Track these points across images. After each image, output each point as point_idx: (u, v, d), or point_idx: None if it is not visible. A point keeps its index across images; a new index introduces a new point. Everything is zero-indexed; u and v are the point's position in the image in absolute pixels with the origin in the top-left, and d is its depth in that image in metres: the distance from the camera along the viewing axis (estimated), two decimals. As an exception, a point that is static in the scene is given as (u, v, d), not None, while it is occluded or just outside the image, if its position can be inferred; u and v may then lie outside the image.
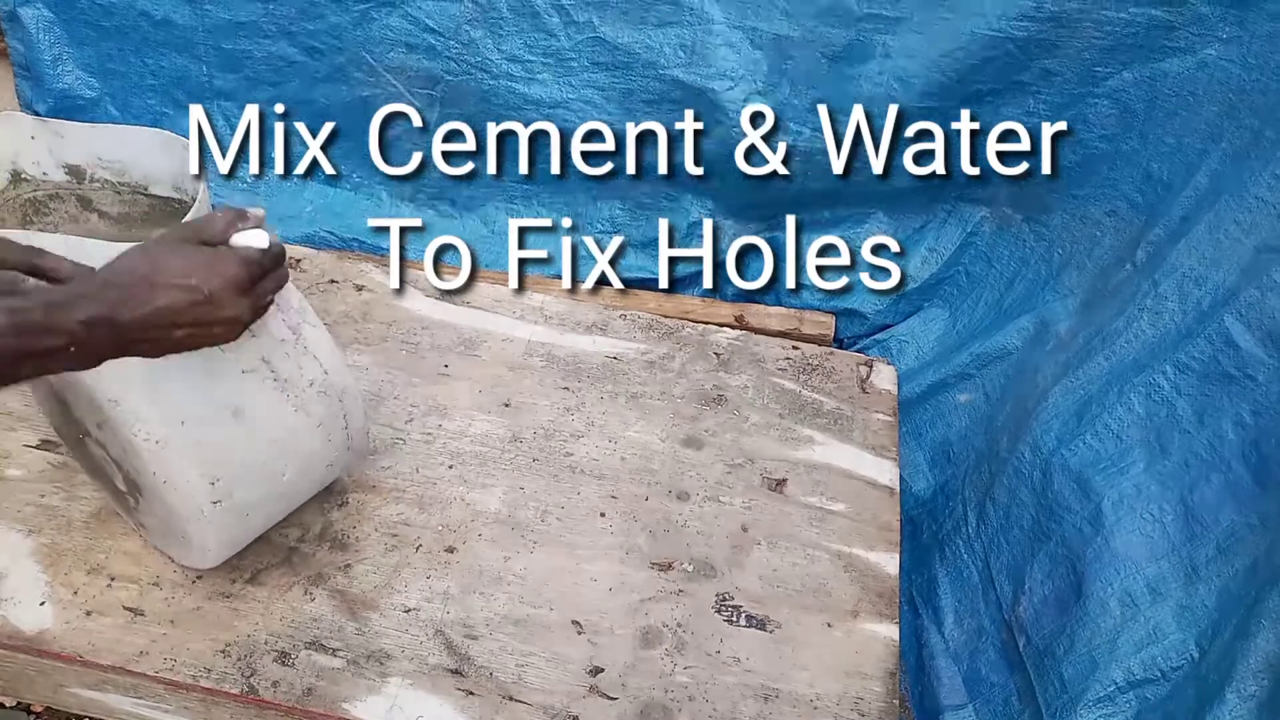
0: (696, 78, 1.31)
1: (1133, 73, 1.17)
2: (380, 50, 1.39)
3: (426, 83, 1.41)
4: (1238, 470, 0.93)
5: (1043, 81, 1.23)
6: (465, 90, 1.40)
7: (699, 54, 1.30)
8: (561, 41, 1.33)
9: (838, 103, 1.29)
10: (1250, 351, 0.94)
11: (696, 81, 1.32)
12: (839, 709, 0.91)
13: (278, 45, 1.42)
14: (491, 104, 1.41)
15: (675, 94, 1.34)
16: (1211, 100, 1.11)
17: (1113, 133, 1.21)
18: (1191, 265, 1.04)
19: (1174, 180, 1.14)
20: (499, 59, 1.36)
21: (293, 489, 0.89)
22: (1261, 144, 1.03)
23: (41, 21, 1.45)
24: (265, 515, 0.90)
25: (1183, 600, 0.92)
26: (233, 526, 0.86)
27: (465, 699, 0.88)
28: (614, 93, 1.35)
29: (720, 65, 1.30)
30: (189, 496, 0.80)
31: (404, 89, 1.41)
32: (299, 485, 0.90)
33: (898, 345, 1.47)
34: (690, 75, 1.31)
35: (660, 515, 1.05)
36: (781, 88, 1.30)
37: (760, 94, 1.31)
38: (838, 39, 1.25)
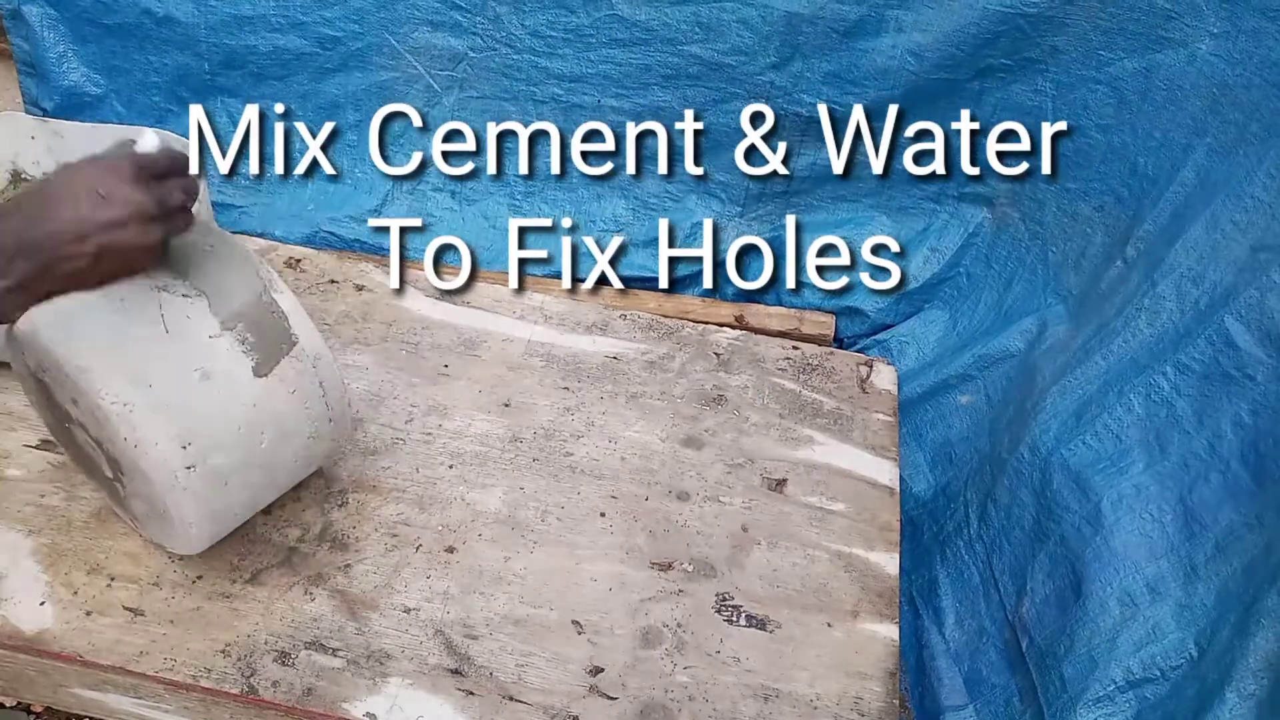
0: (713, 53, 1.36)
1: (1133, 61, 1.18)
2: (405, 30, 1.42)
3: (449, 62, 1.44)
4: (1236, 470, 0.93)
5: (1050, 59, 1.25)
6: (488, 67, 1.43)
7: (715, 30, 1.35)
8: (580, 19, 1.38)
9: (850, 75, 1.33)
10: (1249, 351, 0.94)
11: (713, 57, 1.37)
12: (839, 709, 0.91)
13: (286, 39, 1.42)
14: (513, 79, 1.44)
15: (692, 69, 1.38)
16: (1198, 94, 1.11)
17: (1108, 123, 1.22)
18: (1189, 265, 1.04)
19: (1159, 175, 1.14)
20: (523, 34, 1.40)
21: (273, 457, 0.88)
22: (1247, 139, 1.03)
23: (45, 19, 1.45)
24: (245, 484, 0.87)
25: (1182, 599, 0.92)
26: (212, 498, 0.84)
27: (465, 699, 0.88)
28: (631, 68, 1.40)
29: (735, 40, 1.35)
30: (162, 462, 0.79)
31: (425, 69, 1.43)
32: (280, 454, 0.88)
33: (898, 346, 1.47)
34: (707, 51, 1.36)
35: (660, 515, 1.05)
36: (794, 62, 1.34)
37: (774, 67, 1.35)
38: (850, 14, 1.29)
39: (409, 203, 1.55)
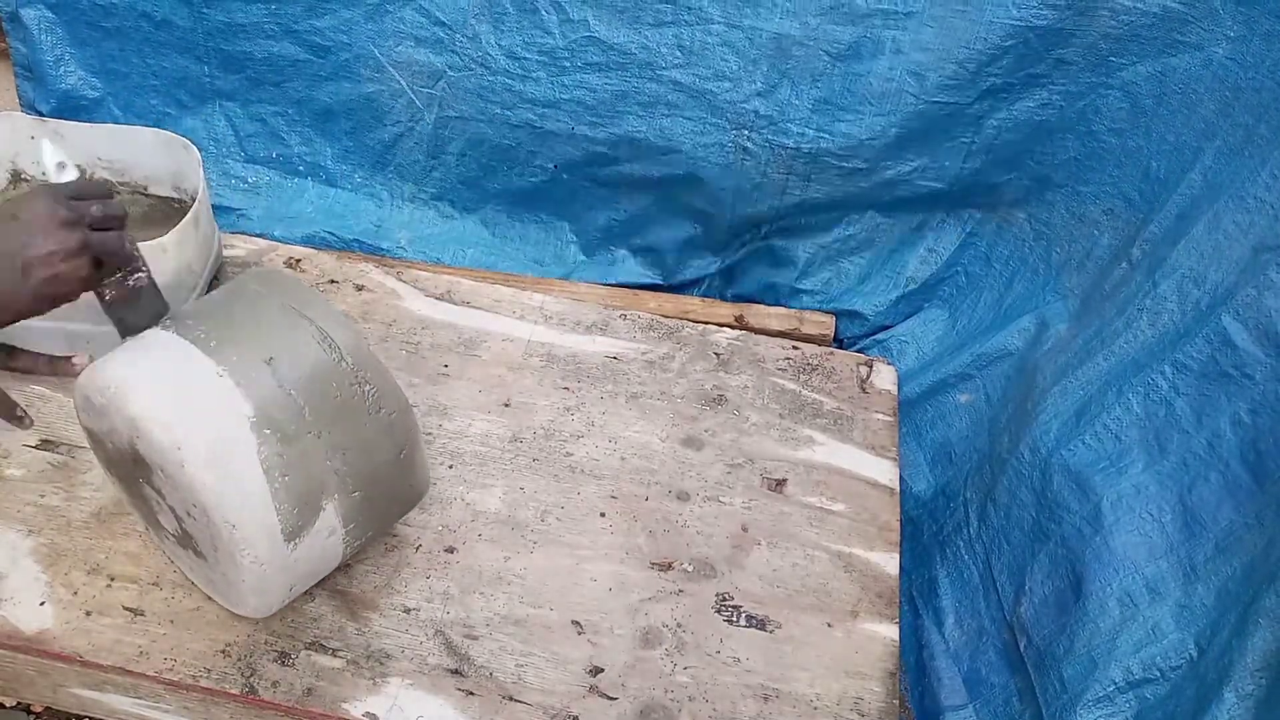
0: (694, 79, 1.30)
1: (1146, 66, 1.16)
2: (389, 45, 1.38)
3: (428, 79, 1.40)
4: (1236, 469, 0.93)
5: (1058, 71, 1.21)
6: (464, 87, 1.39)
7: (696, 54, 1.28)
8: (556, 40, 1.31)
9: (843, 102, 1.28)
10: (1248, 351, 0.94)
11: (694, 83, 1.30)
12: (839, 709, 0.91)
13: (280, 45, 1.41)
14: (489, 102, 1.39)
15: (671, 96, 1.31)
16: (1211, 98, 1.11)
17: (1121, 127, 1.20)
18: (1191, 265, 1.04)
19: (1170, 178, 1.14)
20: (499, 54, 1.35)
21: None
22: (1255, 141, 1.03)
23: (43, 22, 1.45)
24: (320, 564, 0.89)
25: (1181, 599, 0.92)
26: (295, 584, 0.86)
27: (465, 699, 0.88)
28: (606, 94, 1.33)
29: (719, 66, 1.28)
30: (254, 557, 0.80)
31: (407, 85, 1.40)
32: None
33: (898, 345, 1.47)
34: (688, 76, 1.30)
35: (660, 515, 1.05)
36: (782, 88, 1.28)
37: (760, 95, 1.29)
38: (843, 36, 1.22)
39: (406, 206, 1.55)
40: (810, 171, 1.33)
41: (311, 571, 0.86)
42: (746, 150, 1.33)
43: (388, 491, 0.87)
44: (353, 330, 0.83)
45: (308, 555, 0.82)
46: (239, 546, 0.77)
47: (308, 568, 0.84)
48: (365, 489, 0.84)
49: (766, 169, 1.34)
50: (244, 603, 0.84)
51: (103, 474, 0.94)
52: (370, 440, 0.83)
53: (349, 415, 0.80)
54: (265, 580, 0.81)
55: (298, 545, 0.80)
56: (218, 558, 0.81)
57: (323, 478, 0.79)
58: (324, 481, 0.80)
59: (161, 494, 0.82)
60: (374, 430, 0.83)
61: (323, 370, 0.80)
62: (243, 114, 1.50)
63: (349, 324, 0.84)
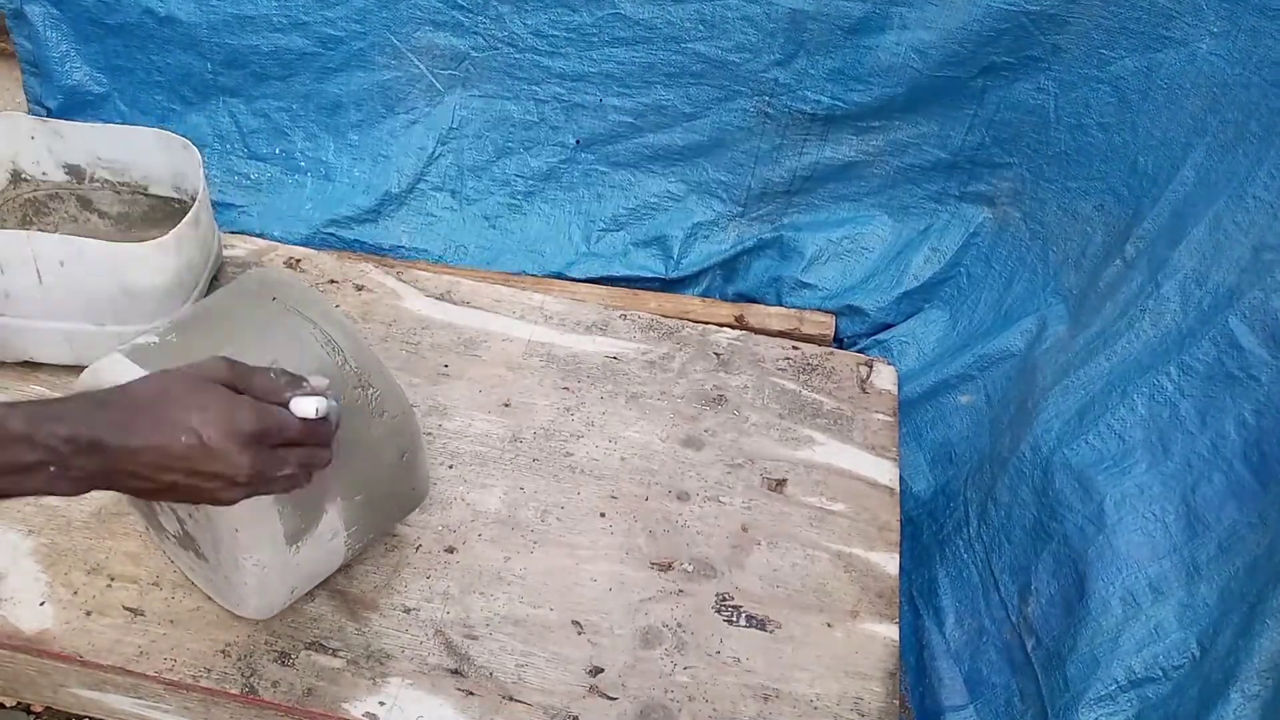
0: (717, 50, 1.37)
1: (1134, 60, 1.18)
2: (407, 30, 1.42)
3: (450, 62, 1.44)
4: (1240, 470, 0.93)
5: (1053, 57, 1.26)
6: (490, 66, 1.43)
7: (718, 27, 1.35)
8: (583, 17, 1.38)
9: (854, 72, 1.34)
10: (1254, 352, 0.94)
11: (717, 54, 1.37)
12: (839, 709, 0.91)
13: (288, 38, 1.43)
14: (516, 78, 1.44)
15: (695, 67, 1.38)
16: (1198, 93, 1.11)
17: (1109, 122, 1.22)
18: (1193, 266, 1.04)
19: (1159, 174, 1.14)
20: (525, 33, 1.40)
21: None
22: (1247, 139, 1.03)
23: (48, 18, 1.45)
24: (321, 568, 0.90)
25: (1184, 599, 0.92)
26: (298, 586, 0.87)
27: (465, 699, 0.88)
28: (634, 67, 1.40)
29: (739, 38, 1.35)
30: (257, 562, 0.80)
31: (427, 69, 1.43)
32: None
33: (898, 345, 1.46)
34: (711, 48, 1.37)
35: (660, 515, 1.05)
36: (799, 59, 1.35)
37: (779, 64, 1.35)
38: (854, 10, 1.29)
39: (409, 202, 1.55)
40: (826, 131, 1.40)
41: (313, 574, 0.86)
42: (768, 115, 1.40)
43: (389, 494, 0.87)
44: (355, 333, 0.83)
45: (310, 558, 0.82)
46: (241, 549, 0.77)
47: (309, 570, 0.84)
48: (367, 492, 0.84)
49: (786, 131, 1.41)
50: (245, 604, 0.84)
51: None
52: (373, 443, 0.82)
53: (352, 418, 0.80)
54: (267, 583, 0.81)
55: (300, 548, 0.80)
56: (220, 560, 0.81)
57: (325, 480, 0.79)
58: (326, 484, 0.80)
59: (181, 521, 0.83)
60: (377, 433, 0.82)
61: (326, 373, 0.80)
62: (246, 110, 1.51)
63: (351, 327, 0.84)
